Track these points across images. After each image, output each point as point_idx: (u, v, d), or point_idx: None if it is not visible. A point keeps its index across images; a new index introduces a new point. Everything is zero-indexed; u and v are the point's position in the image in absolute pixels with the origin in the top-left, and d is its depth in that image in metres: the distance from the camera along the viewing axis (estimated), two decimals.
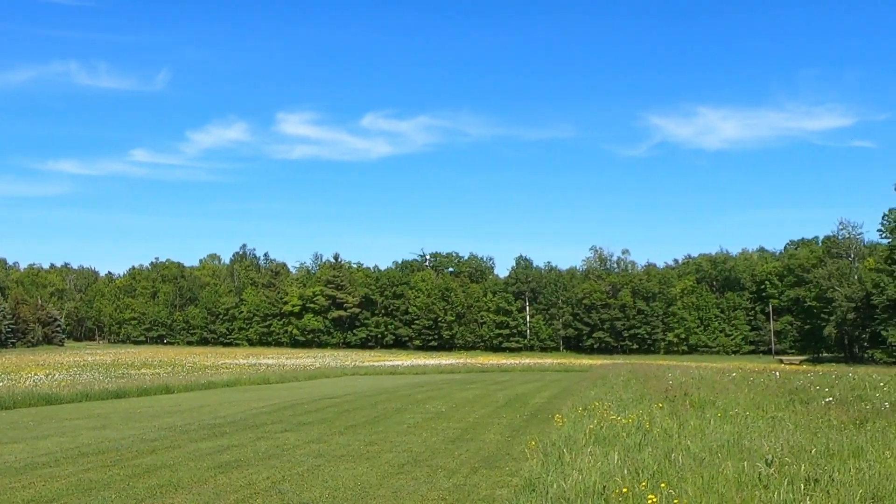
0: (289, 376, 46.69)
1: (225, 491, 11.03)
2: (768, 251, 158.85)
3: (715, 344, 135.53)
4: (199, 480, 11.78)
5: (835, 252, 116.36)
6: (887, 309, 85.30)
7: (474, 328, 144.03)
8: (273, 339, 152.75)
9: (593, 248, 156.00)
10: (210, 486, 11.41)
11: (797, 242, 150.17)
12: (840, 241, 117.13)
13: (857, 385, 27.07)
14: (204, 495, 10.75)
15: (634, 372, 37.18)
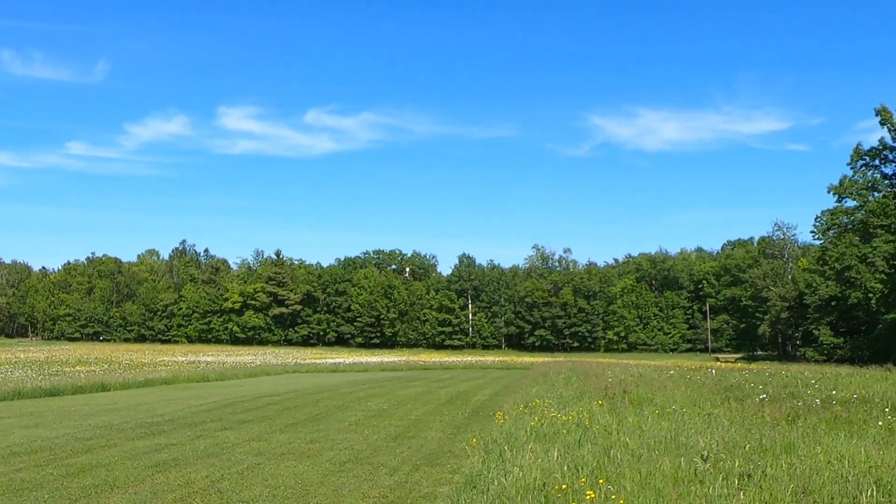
0: (229, 374, 46.15)
1: (162, 490, 10.87)
2: (706, 251, 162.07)
3: (654, 342, 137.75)
4: (135, 479, 11.58)
5: (770, 252, 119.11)
6: (819, 308, 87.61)
7: (417, 326, 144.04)
8: (213, 336, 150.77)
9: (535, 247, 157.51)
10: (147, 485, 11.22)
11: (734, 243, 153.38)
12: (775, 241, 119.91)
13: (789, 382, 27.75)
14: (141, 494, 10.57)
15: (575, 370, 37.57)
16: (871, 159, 72.74)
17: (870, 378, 33.91)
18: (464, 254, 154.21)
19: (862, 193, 75.07)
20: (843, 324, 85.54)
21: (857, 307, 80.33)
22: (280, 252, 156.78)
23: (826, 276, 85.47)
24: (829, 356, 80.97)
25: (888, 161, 72.11)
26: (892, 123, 68.69)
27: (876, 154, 72.15)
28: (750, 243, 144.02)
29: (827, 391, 22.98)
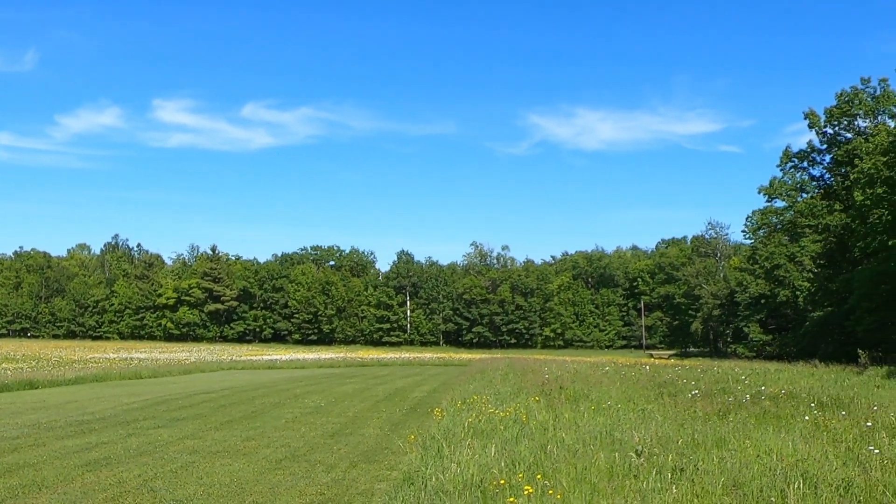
0: (162, 371, 45.31)
1: (93, 490, 10.63)
2: (641, 249, 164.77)
3: (589, 338, 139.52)
4: (65, 479, 11.31)
5: (703, 251, 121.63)
6: (749, 306, 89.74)
7: (354, 322, 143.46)
8: (146, 332, 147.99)
9: (474, 244, 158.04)
10: (77, 484, 10.97)
11: (668, 241, 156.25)
12: (708, 240, 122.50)
13: (720, 378, 28.37)
14: (70, 494, 10.33)
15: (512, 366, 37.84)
16: (799, 161, 74.71)
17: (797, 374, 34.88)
18: (402, 250, 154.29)
19: (791, 194, 77.06)
20: (772, 321, 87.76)
21: (785, 305, 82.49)
22: (216, 247, 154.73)
23: (756, 274, 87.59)
24: (758, 353, 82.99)
25: (816, 163, 74.18)
26: (819, 127, 70.64)
27: (804, 156, 74.14)
28: (683, 242, 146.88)
29: (756, 387, 23.55)
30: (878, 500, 8.50)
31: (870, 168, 54.75)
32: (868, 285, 54.39)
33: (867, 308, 54.90)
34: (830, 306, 66.19)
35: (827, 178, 74.36)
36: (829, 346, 62.65)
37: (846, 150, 67.28)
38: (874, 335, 55.70)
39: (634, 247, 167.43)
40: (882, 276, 52.51)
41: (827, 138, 71.17)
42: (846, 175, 66.78)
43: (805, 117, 71.39)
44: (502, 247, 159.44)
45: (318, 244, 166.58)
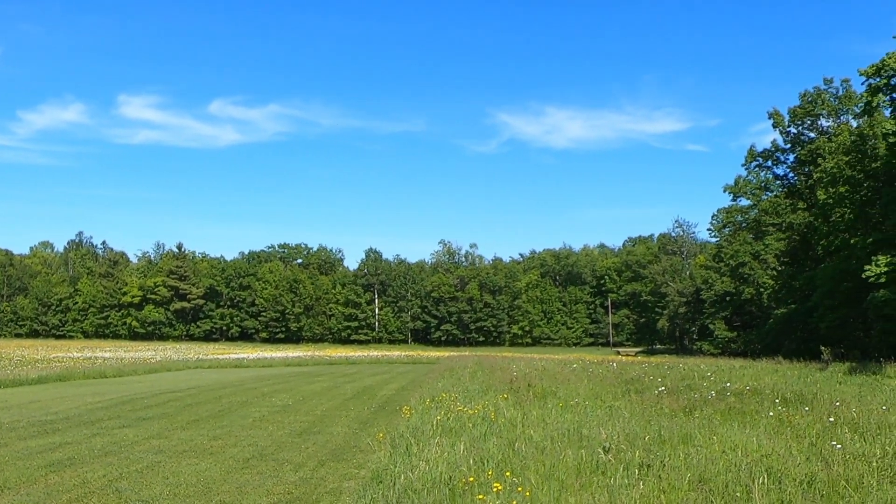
0: (127, 370, 44.78)
1: (57, 491, 10.50)
2: (608, 247, 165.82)
3: (557, 336, 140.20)
4: (28, 480, 11.15)
5: (669, 249, 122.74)
6: (715, 303, 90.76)
7: (322, 320, 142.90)
8: (111, 331, 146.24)
9: (442, 242, 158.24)
10: (41, 485, 10.82)
11: (635, 239, 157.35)
12: (674, 238, 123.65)
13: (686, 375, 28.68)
14: (34, 496, 10.19)
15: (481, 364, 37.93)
16: (764, 160, 75.66)
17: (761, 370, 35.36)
18: (371, 248, 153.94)
19: (755, 193, 78.03)
20: (737, 318, 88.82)
21: (750, 302, 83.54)
22: (182, 245, 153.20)
23: (721, 272, 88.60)
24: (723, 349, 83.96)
25: (780, 162, 75.16)
26: (783, 127, 71.58)
27: (769, 155, 75.09)
28: (650, 240, 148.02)
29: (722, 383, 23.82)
30: (841, 495, 8.64)
31: (832, 167, 55.58)
32: (830, 283, 55.21)
33: (829, 305, 55.72)
34: (794, 304, 67.10)
35: (791, 177, 75.38)
36: (792, 343, 63.51)
37: (809, 150, 68.25)
38: (836, 332, 56.56)
39: (602, 245, 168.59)
40: (844, 273, 53.32)
41: (791, 138, 72.16)
42: (809, 174, 67.76)
43: (769, 117, 72.36)
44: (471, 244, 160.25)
45: (286, 242, 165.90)
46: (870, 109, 52.50)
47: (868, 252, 48.87)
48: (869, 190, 53.01)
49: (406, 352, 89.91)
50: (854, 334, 57.37)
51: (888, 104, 52.14)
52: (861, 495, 8.61)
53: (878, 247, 48.67)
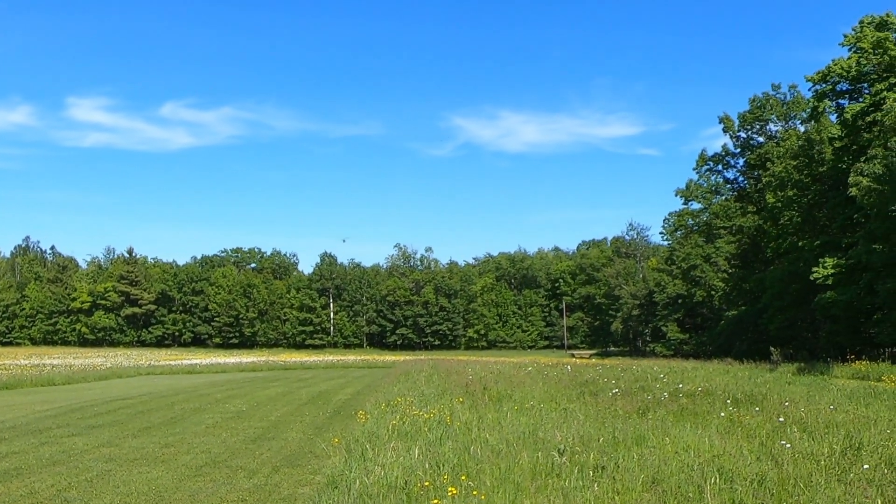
0: (77, 377, 43.97)
1: (3, 501, 10.26)
2: (562, 251, 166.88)
3: (513, 339, 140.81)
4: None
5: (623, 252, 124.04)
6: (667, 306, 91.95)
7: (277, 325, 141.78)
8: (60, 337, 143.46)
9: (398, 246, 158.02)
10: None
11: (589, 243, 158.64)
12: (628, 241, 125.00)
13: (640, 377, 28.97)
14: None
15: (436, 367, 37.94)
16: (714, 164, 76.88)
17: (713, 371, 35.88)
18: (326, 252, 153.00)
19: (706, 197, 79.26)
20: (689, 320, 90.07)
21: (701, 304, 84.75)
22: (133, 250, 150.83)
23: (673, 275, 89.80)
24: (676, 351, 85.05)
25: (730, 166, 76.42)
26: (733, 131, 72.81)
27: (719, 160, 76.31)
28: (604, 243, 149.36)
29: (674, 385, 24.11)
30: (790, 493, 8.79)
31: (781, 171, 56.64)
32: (779, 285, 56.25)
33: (779, 307, 56.77)
34: (744, 305, 68.22)
35: (741, 180, 76.70)
36: (743, 345, 64.54)
37: (759, 154, 69.49)
38: (785, 333, 57.63)
39: (556, 248, 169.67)
40: (792, 276, 54.37)
41: (740, 142, 73.41)
42: (759, 178, 68.98)
43: (720, 122, 73.53)
44: (426, 248, 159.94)
45: (239, 246, 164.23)
46: (816, 115, 53.69)
47: (815, 254, 49.93)
48: (816, 193, 54.15)
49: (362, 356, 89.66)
50: (802, 335, 58.52)
51: (834, 110, 53.35)
52: (810, 493, 8.77)
53: (825, 249, 49.75)
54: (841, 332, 49.51)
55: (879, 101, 45.50)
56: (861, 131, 48.15)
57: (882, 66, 47.22)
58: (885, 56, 46.73)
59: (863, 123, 47.87)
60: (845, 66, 49.64)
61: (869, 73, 48.55)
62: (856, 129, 48.72)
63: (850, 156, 48.96)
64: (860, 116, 47.94)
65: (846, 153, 49.94)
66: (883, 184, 39.56)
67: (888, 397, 22.49)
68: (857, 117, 48.17)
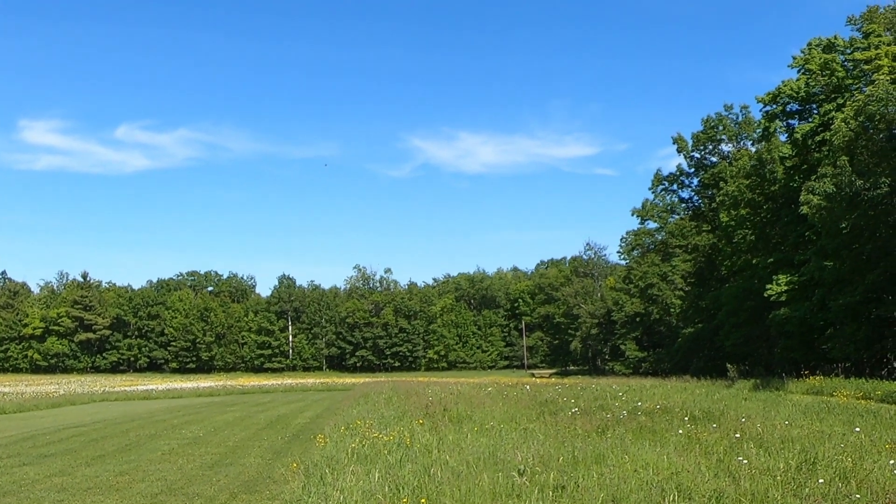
0: (28, 405, 43.00)
1: None
2: (521, 270, 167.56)
3: (473, 360, 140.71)
4: None
5: (581, 272, 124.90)
6: (625, 324, 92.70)
7: (235, 349, 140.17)
8: (10, 364, 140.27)
9: (357, 267, 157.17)
10: None
11: (547, 262, 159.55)
12: (586, 261, 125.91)
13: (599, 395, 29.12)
14: None
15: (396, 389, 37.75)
16: (669, 184, 77.95)
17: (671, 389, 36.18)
18: (284, 274, 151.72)
19: (662, 216, 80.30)
20: (648, 338, 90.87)
21: (659, 322, 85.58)
22: (87, 274, 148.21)
23: (631, 293, 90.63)
24: (635, 369, 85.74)
25: (685, 186, 77.55)
26: (687, 151, 73.92)
27: (674, 179, 77.40)
28: (563, 263, 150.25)
29: (633, 403, 24.27)
30: None
31: (734, 191, 57.60)
32: (734, 302, 57.05)
33: (734, 324, 57.53)
34: (701, 323, 69.01)
35: (695, 200, 77.82)
36: (700, 362, 65.24)
37: (712, 174, 70.60)
38: (741, 349, 58.38)
39: (515, 268, 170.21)
40: (747, 293, 55.17)
41: (694, 162, 74.54)
42: (713, 197, 70.06)
43: (674, 142, 74.64)
44: (385, 269, 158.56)
45: (196, 269, 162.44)
46: (767, 135, 54.77)
47: (769, 272, 50.76)
48: (768, 212, 55.11)
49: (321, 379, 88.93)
50: (758, 351, 59.31)
51: (784, 130, 54.49)
52: None
53: (778, 266, 50.59)
54: (795, 347, 50.27)
55: (828, 121, 46.54)
56: (811, 151, 49.19)
57: (830, 87, 48.36)
58: (833, 77, 47.88)
59: (812, 143, 48.92)
60: (794, 88, 50.77)
61: (817, 94, 49.69)
62: (806, 148, 49.77)
63: (800, 174, 49.94)
64: (810, 136, 48.99)
65: (797, 172, 50.95)
66: (833, 202, 40.38)
67: (841, 412, 22.86)
68: (806, 137, 49.22)
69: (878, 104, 38.06)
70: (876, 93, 38.32)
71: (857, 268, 42.11)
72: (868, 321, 42.41)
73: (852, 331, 42.37)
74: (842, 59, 48.72)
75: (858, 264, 42.10)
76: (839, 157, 40.56)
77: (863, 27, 47.74)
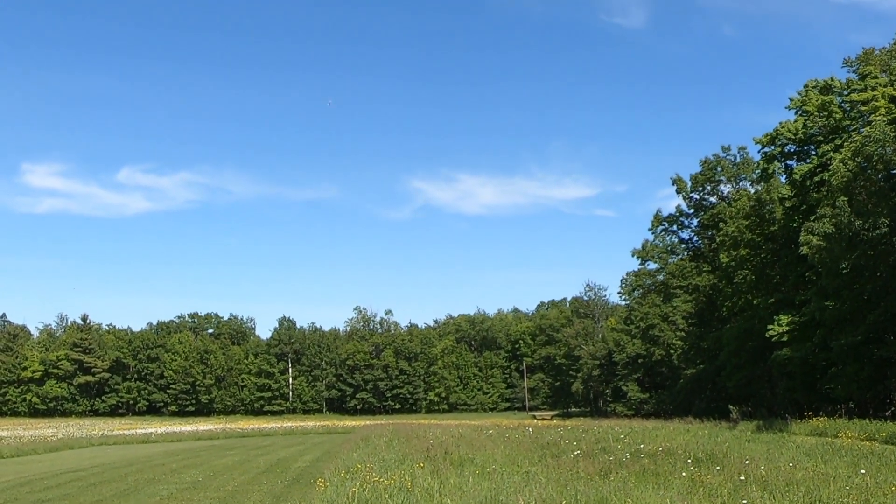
0: (26, 449, 42.70)
1: None
2: (522, 311, 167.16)
3: (474, 402, 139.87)
4: None
5: (582, 312, 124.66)
6: (627, 365, 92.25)
7: (234, 391, 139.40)
8: (9, 408, 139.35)
9: (357, 309, 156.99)
10: None
11: (548, 303, 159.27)
12: (586, 302, 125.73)
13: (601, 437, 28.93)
14: None
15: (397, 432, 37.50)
16: (669, 225, 78.09)
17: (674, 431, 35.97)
18: (284, 316, 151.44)
19: (662, 257, 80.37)
20: (649, 379, 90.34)
21: (660, 363, 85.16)
22: (87, 317, 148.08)
23: (632, 334, 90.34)
24: (637, 411, 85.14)
25: (684, 227, 77.70)
26: (686, 192, 74.16)
27: (674, 220, 77.56)
28: (563, 304, 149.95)
29: (636, 445, 24.10)
30: None
31: (733, 231, 57.72)
32: (735, 343, 56.86)
33: (736, 364, 57.29)
34: (702, 364, 68.71)
35: (695, 240, 77.93)
36: (702, 403, 64.84)
37: (711, 215, 70.78)
38: (743, 390, 58.07)
39: (516, 309, 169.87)
40: (748, 333, 55.02)
41: (693, 203, 74.74)
42: (712, 238, 70.14)
43: (673, 183, 74.86)
44: (386, 311, 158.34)
45: (196, 311, 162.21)
46: (766, 176, 55.07)
47: (770, 312, 50.67)
48: (768, 252, 55.18)
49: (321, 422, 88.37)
50: (760, 392, 59.00)
51: (783, 170, 54.79)
52: None
53: (779, 307, 50.53)
54: (797, 388, 50.02)
55: (826, 161, 46.80)
56: (810, 191, 49.38)
57: (827, 128, 48.71)
58: (830, 119, 48.25)
59: (811, 183, 49.12)
60: (792, 129, 51.12)
61: (815, 135, 50.02)
62: (805, 189, 49.97)
63: (800, 215, 50.10)
64: (808, 177, 49.22)
65: (796, 212, 51.11)
66: (833, 242, 40.47)
67: (846, 454, 22.69)
68: (805, 178, 49.45)
69: (875, 145, 38.33)
70: (873, 134, 38.62)
71: (859, 308, 42.07)
72: (870, 361, 42.26)
73: (854, 371, 42.22)
74: (839, 101, 49.14)
75: (859, 304, 42.07)
76: (838, 197, 40.73)
77: (859, 69, 48.20)
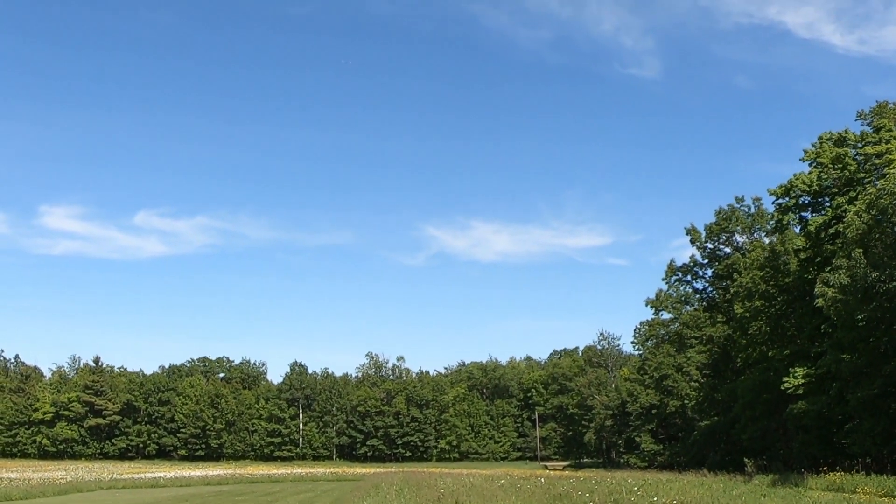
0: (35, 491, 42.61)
1: None
2: (534, 360, 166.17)
3: (485, 450, 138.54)
4: None
5: (595, 362, 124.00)
6: (640, 416, 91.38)
7: (245, 436, 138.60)
8: (19, 450, 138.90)
9: (369, 355, 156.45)
10: None
11: (561, 352, 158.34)
12: (599, 351, 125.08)
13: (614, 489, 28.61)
14: None
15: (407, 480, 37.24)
16: (683, 275, 77.94)
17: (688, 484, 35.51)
18: (296, 361, 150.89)
19: (676, 307, 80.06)
20: (663, 430, 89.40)
21: (674, 414, 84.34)
22: (99, 358, 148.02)
23: (646, 384, 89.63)
24: (650, 462, 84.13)
25: (698, 277, 77.53)
26: (700, 242, 74.14)
27: (687, 270, 77.42)
28: (576, 353, 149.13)
29: (649, 498, 23.85)
30: None
31: (748, 282, 57.53)
32: (750, 395, 56.33)
33: (750, 417, 56.70)
34: (717, 415, 68.04)
35: (709, 290, 77.67)
36: (716, 455, 64.06)
37: (726, 265, 70.65)
38: (758, 443, 57.37)
39: (528, 357, 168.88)
40: (763, 385, 54.55)
41: (707, 253, 74.66)
42: (727, 288, 69.93)
43: (687, 233, 74.90)
44: (398, 357, 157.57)
45: (207, 355, 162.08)
46: (781, 227, 55.05)
47: (785, 364, 50.29)
48: (783, 304, 54.91)
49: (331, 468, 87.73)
50: (775, 445, 58.30)
51: (797, 222, 54.76)
52: None
53: (794, 359, 50.16)
54: (813, 442, 49.39)
55: (841, 213, 46.81)
56: (824, 243, 49.32)
57: (842, 180, 48.78)
58: (845, 171, 48.35)
59: (826, 235, 49.08)
60: (807, 181, 51.21)
61: (829, 187, 50.09)
62: (819, 240, 49.92)
63: (814, 266, 49.98)
64: (823, 228, 49.20)
65: (811, 264, 50.99)
66: (848, 294, 40.29)
67: None
68: (820, 229, 49.42)
69: (890, 198, 38.36)
70: (888, 186, 38.68)
71: (875, 361, 41.73)
72: (887, 415, 41.79)
73: (871, 425, 41.70)
74: (853, 153, 49.25)
75: (875, 357, 41.74)
76: (853, 249, 40.66)
77: (873, 122, 48.42)
